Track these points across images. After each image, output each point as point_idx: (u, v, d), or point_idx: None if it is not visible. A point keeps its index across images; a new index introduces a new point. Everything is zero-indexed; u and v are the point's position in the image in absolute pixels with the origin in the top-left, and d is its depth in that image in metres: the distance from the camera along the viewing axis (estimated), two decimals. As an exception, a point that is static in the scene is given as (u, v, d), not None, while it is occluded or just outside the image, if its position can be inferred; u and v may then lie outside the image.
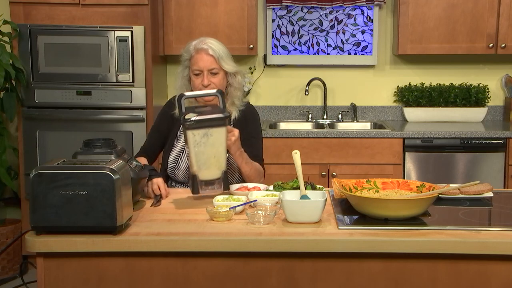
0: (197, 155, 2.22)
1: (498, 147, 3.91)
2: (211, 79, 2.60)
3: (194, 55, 2.62)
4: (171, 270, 1.87)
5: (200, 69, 2.60)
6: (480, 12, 4.11)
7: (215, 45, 2.62)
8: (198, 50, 2.61)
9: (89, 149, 2.14)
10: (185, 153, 2.65)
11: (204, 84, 2.59)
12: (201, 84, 2.60)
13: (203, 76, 2.60)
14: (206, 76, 2.59)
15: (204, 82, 2.59)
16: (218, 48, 2.62)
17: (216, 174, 2.24)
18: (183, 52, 2.68)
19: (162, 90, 4.42)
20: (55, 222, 1.80)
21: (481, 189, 2.29)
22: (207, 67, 2.59)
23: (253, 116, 2.78)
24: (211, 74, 2.61)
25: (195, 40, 2.68)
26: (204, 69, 2.59)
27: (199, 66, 2.60)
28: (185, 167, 2.64)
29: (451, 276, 1.85)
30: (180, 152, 2.67)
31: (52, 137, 3.93)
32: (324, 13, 4.50)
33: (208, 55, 2.60)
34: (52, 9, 3.90)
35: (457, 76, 4.48)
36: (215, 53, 2.60)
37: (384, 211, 1.95)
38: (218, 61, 2.61)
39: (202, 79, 2.60)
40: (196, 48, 2.62)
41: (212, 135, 2.21)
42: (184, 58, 2.67)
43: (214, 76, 2.62)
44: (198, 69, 2.60)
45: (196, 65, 2.60)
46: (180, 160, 2.65)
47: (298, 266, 1.87)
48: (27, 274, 3.95)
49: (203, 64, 2.59)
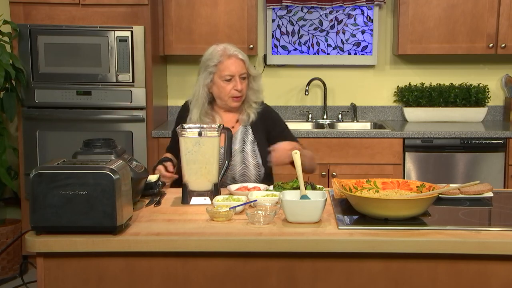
0: (188, 163, 2.22)
1: (498, 147, 3.91)
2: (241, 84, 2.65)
3: (224, 61, 2.64)
4: (171, 270, 1.87)
5: (232, 74, 2.63)
6: (480, 12, 4.11)
7: (240, 51, 2.69)
8: (229, 56, 2.64)
9: (89, 149, 2.14)
10: None
11: (238, 88, 2.63)
12: (234, 88, 2.64)
13: (235, 81, 2.63)
14: (239, 80, 2.64)
15: (238, 87, 2.63)
16: (243, 53, 2.69)
17: (207, 186, 2.25)
18: (206, 59, 2.68)
19: (162, 90, 4.42)
20: (55, 222, 1.80)
21: (481, 189, 2.29)
22: (239, 72, 2.64)
23: (271, 114, 2.82)
24: (241, 79, 2.65)
25: (216, 46, 2.69)
26: (236, 73, 2.63)
27: (231, 71, 2.63)
28: None
29: (451, 276, 1.85)
30: None
31: (52, 137, 3.93)
32: (324, 13, 4.50)
33: (239, 60, 2.65)
34: (52, 9, 3.90)
35: (457, 76, 4.48)
36: (244, 58, 2.66)
37: (384, 211, 1.95)
38: (246, 66, 2.67)
39: (235, 84, 2.63)
40: (226, 53, 2.64)
41: (204, 144, 2.21)
42: (208, 64, 2.67)
43: (242, 81, 2.66)
44: (230, 74, 2.63)
45: (228, 70, 2.63)
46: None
47: (298, 266, 1.87)
48: (27, 274, 3.95)
49: (236, 68, 2.63)
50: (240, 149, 2.69)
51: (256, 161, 2.69)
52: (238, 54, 2.66)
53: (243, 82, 2.66)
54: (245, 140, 2.71)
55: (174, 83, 4.57)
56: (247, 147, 2.69)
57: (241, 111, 2.75)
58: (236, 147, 2.68)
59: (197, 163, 2.22)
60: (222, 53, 2.65)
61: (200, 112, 2.70)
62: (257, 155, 2.69)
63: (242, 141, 2.71)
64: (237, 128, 2.74)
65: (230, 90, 2.65)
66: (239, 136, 2.72)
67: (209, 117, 2.72)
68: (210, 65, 2.66)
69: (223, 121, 2.72)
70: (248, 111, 2.73)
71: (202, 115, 2.70)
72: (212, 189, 2.25)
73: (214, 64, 2.65)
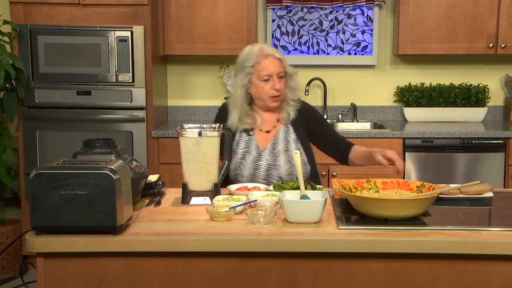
0: (188, 164, 2.22)
1: (498, 147, 3.91)
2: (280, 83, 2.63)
3: (261, 61, 2.62)
4: (171, 270, 1.87)
5: (270, 74, 2.61)
6: (480, 12, 4.11)
7: (276, 50, 2.67)
8: (266, 56, 2.62)
9: (89, 149, 2.14)
10: (246, 159, 2.65)
11: (277, 87, 2.62)
12: (273, 88, 2.62)
13: (273, 80, 2.62)
14: (277, 80, 2.62)
15: (277, 86, 2.62)
16: (279, 52, 2.67)
17: (207, 186, 2.25)
18: (243, 60, 2.67)
19: (162, 90, 4.42)
20: (55, 222, 1.80)
21: (481, 189, 2.29)
22: (277, 71, 2.62)
23: (310, 109, 2.81)
24: (279, 78, 2.63)
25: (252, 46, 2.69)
26: (274, 73, 2.62)
27: (269, 70, 2.61)
28: (248, 172, 2.63)
29: (451, 276, 1.85)
30: (241, 158, 2.64)
31: (52, 137, 3.93)
32: (324, 13, 4.50)
33: (276, 59, 2.63)
34: (52, 9, 3.90)
35: (457, 76, 4.48)
36: (281, 57, 2.65)
37: (384, 211, 1.95)
38: (283, 65, 2.65)
39: (273, 84, 2.62)
40: (263, 53, 2.63)
41: (204, 144, 2.21)
42: (245, 65, 2.65)
43: (280, 80, 2.65)
44: (268, 74, 2.61)
45: (266, 70, 2.61)
46: (243, 166, 2.63)
47: (298, 266, 1.87)
48: (27, 274, 3.94)
49: (273, 68, 2.62)
50: (284, 148, 2.66)
51: (301, 159, 2.63)
52: (275, 53, 2.64)
53: (281, 81, 2.64)
54: (288, 139, 2.68)
55: (174, 83, 4.57)
56: (291, 146, 2.67)
57: (280, 110, 2.72)
58: (280, 147, 2.66)
59: (197, 163, 2.22)
60: (259, 53, 2.63)
61: (240, 114, 2.67)
62: (302, 153, 2.66)
63: (285, 140, 2.68)
64: (279, 127, 2.71)
65: (269, 90, 2.62)
66: (281, 136, 2.69)
67: (249, 117, 2.69)
68: (247, 66, 2.64)
69: (264, 121, 2.70)
70: (287, 109, 2.70)
71: (243, 116, 2.67)
72: (212, 189, 2.25)
73: (251, 64, 2.63)
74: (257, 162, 2.64)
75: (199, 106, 4.59)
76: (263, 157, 2.65)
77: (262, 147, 2.67)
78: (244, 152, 2.66)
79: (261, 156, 2.65)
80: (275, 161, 2.64)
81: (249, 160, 2.64)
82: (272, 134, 2.70)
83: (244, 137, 2.69)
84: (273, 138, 2.69)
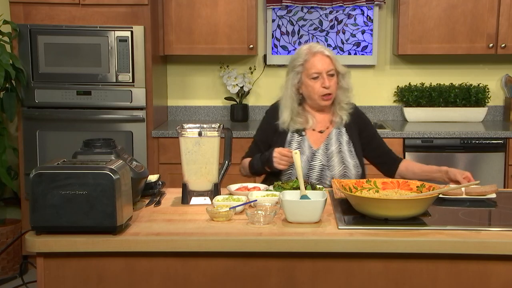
0: (188, 164, 2.22)
1: (498, 147, 3.91)
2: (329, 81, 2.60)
3: (309, 59, 2.61)
4: (171, 270, 1.87)
5: (319, 72, 2.59)
6: (480, 12, 4.11)
7: (326, 48, 2.64)
8: (314, 53, 2.61)
9: (89, 149, 2.14)
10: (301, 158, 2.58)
11: (326, 85, 2.59)
12: (322, 86, 2.59)
13: (322, 78, 2.59)
14: (326, 78, 2.59)
15: (326, 83, 2.59)
16: (329, 50, 2.65)
17: (207, 186, 2.25)
18: (293, 59, 2.67)
19: (162, 90, 4.42)
20: (55, 222, 1.80)
21: (486, 190, 2.28)
22: (326, 69, 2.60)
23: (362, 115, 2.79)
24: (328, 76, 2.61)
25: (302, 46, 2.68)
26: (323, 71, 2.59)
27: (317, 68, 2.59)
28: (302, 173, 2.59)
29: (451, 276, 1.85)
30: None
31: (52, 137, 3.93)
32: (324, 13, 4.50)
33: (325, 57, 2.61)
34: (52, 9, 3.90)
35: (457, 76, 4.48)
36: (330, 54, 2.62)
37: (384, 211, 1.95)
38: (334, 62, 2.62)
39: (323, 81, 2.59)
40: (311, 51, 2.61)
41: (204, 144, 2.21)
42: (295, 64, 2.65)
43: (330, 78, 2.62)
44: (316, 72, 2.59)
45: (315, 68, 2.59)
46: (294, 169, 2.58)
47: (298, 266, 1.87)
48: (27, 274, 3.94)
49: (322, 66, 2.59)
50: (337, 149, 2.65)
51: (354, 161, 2.64)
52: (324, 51, 2.61)
53: (331, 79, 2.61)
54: (340, 141, 2.67)
55: (174, 83, 4.57)
56: (344, 147, 2.65)
57: (333, 113, 2.70)
58: (333, 148, 2.64)
59: (197, 163, 2.22)
60: (308, 51, 2.62)
61: (291, 113, 2.66)
62: (354, 155, 2.65)
63: (338, 142, 2.67)
64: (331, 129, 2.70)
65: (319, 89, 2.60)
66: (333, 137, 2.67)
67: (301, 117, 2.67)
68: (296, 65, 2.63)
69: (317, 122, 2.69)
70: (340, 113, 2.68)
71: (294, 116, 2.66)
72: (212, 189, 2.25)
73: (300, 63, 2.62)
74: (311, 163, 2.63)
75: (199, 106, 4.59)
76: (317, 157, 2.63)
77: (315, 147, 2.65)
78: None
79: (315, 157, 2.63)
80: (329, 161, 2.63)
81: (303, 161, 2.61)
82: (325, 135, 2.68)
83: (297, 137, 2.68)
84: (326, 139, 2.67)
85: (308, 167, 2.62)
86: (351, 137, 2.69)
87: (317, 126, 2.70)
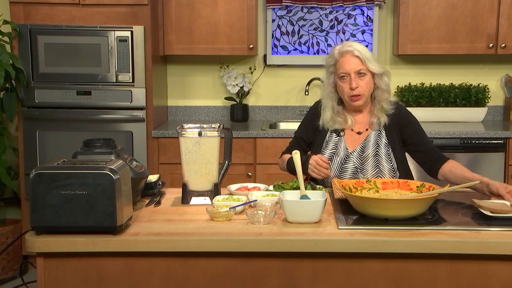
0: (188, 164, 2.22)
1: (498, 147, 3.91)
2: (358, 82, 2.55)
3: (339, 59, 2.57)
4: (171, 270, 1.87)
5: (346, 72, 2.55)
6: (480, 12, 4.11)
7: (359, 47, 2.57)
8: (343, 53, 2.56)
9: (89, 149, 2.14)
10: (334, 160, 2.61)
11: (352, 87, 2.54)
12: (349, 87, 2.55)
13: (350, 79, 2.55)
14: (353, 78, 2.54)
15: (353, 85, 2.54)
16: (362, 49, 2.57)
17: (207, 186, 2.25)
18: (327, 58, 2.64)
19: (162, 90, 4.42)
20: (55, 222, 1.81)
21: None
22: (354, 69, 2.54)
23: (403, 114, 2.68)
24: (358, 76, 2.55)
25: (336, 45, 2.65)
26: (351, 71, 2.54)
27: (345, 69, 2.55)
28: (334, 175, 2.57)
29: (451, 276, 1.85)
30: (329, 159, 2.59)
31: (52, 137, 3.93)
32: (324, 13, 4.50)
33: (354, 57, 2.55)
34: (52, 9, 3.90)
35: (457, 76, 4.48)
36: (360, 54, 2.55)
37: (384, 211, 1.95)
38: (364, 62, 2.55)
39: (350, 82, 2.54)
40: (341, 51, 2.58)
41: (204, 144, 2.21)
42: (328, 64, 2.63)
43: (361, 78, 2.56)
44: (344, 72, 2.55)
45: (342, 68, 2.55)
46: (330, 169, 2.56)
47: (298, 266, 1.87)
48: (27, 274, 3.95)
49: (349, 66, 2.54)
50: (374, 152, 2.58)
51: (390, 165, 2.57)
52: (354, 50, 2.54)
53: (360, 80, 2.55)
54: (378, 143, 2.60)
55: (174, 83, 4.57)
56: (381, 151, 2.58)
57: (372, 114, 2.65)
58: (369, 150, 2.59)
59: (197, 163, 2.22)
60: (338, 51, 2.58)
61: (332, 112, 2.64)
62: (392, 159, 2.59)
63: (376, 144, 2.60)
64: (370, 131, 2.64)
65: (346, 90, 2.56)
66: (372, 139, 2.61)
67: (341, 116, 2.64)
68: (330, 65, 2.62)
69: (355, 122, 2.65)
70: (378, 115, 2.61)
71: (335, 115, 2.64)
72: (212, 189, 2.25)
73: (332, 63, 2.60)
74: (344, 165, 2.59)
75: (199, 106, 4.59)
76: (350, 159, 2.59)
77: (351, 149, 2.61)
78: (332, 153, 2.62)
79: (349, 159, 2.59)
80: (363, 164, 2.58)
81: (336, 162, 2.59)
82: (363, 137, 2.63)
83: (334, 137, 2.65)
84: (364, 141, 2.62)
85: (341, 169, 2.59)
86: (391, 140, 2.61)
87: (355, 127, 2.66)
